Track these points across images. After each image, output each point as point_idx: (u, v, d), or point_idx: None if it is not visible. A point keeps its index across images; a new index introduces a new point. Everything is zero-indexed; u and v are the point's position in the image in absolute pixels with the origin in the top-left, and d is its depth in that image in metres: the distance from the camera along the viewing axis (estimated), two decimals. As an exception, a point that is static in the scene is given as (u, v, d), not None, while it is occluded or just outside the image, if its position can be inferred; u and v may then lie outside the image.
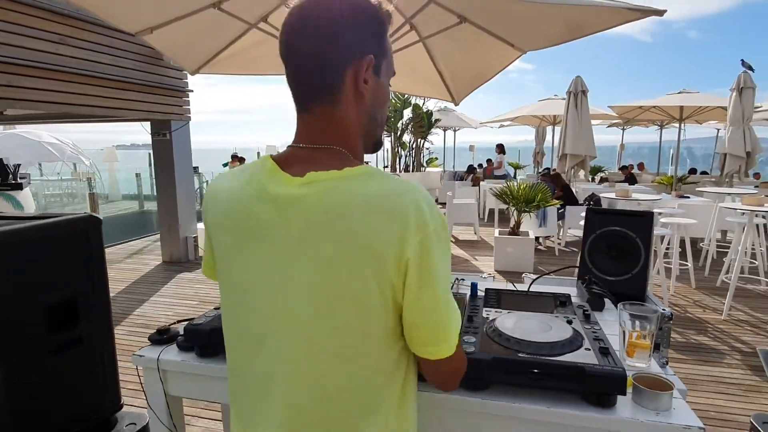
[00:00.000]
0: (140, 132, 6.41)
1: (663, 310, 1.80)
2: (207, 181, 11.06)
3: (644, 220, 1.85)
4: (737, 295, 4.30)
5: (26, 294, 1.49)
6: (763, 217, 5.07)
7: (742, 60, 7.05)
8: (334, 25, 0.71)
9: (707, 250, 5.77)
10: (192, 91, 6.34)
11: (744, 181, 8.27)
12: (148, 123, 6.18)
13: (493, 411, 0.93)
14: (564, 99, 8.92)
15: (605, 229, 1.88)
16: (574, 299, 1.44)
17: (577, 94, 7.60)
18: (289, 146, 0.77)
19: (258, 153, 16.63)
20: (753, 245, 4.88)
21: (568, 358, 0.93)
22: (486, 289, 1.29)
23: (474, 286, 1.25)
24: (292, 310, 0.70)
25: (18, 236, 1.46)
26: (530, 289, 1.41)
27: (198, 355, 1.10)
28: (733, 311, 4.22)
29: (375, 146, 0.82)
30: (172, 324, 1.25)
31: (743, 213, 4.68)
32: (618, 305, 1.10)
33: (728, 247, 5.49)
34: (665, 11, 1.83)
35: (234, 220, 0.74)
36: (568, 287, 1.79)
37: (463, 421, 0.95)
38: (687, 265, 5.12)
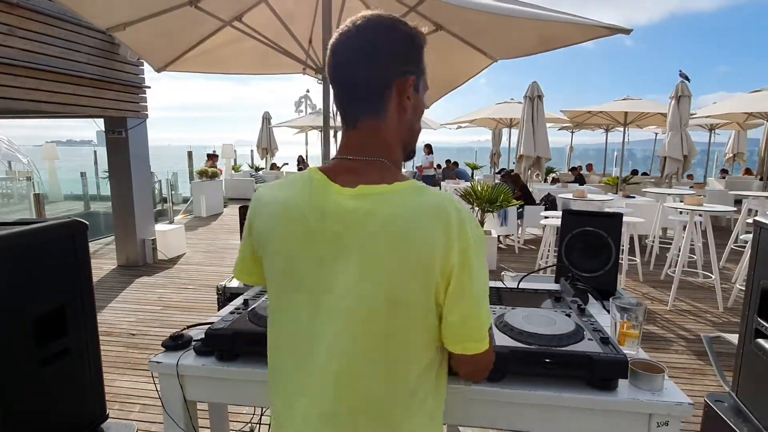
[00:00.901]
0: (82, 128, 6.10)
1: (632, 301, 1.97)
2: (159, 181, 10.58)
3: (614, 221, 2.01)
4: (680, 287, 4.70)
5: (15, 304, 1.42)
6: (700, 215, 5.56)
7: (680, 71, 7.67)
8: (380, 49, 0.78)
9: (652, 246, 6.24)
10: (149, 87, 6.09)
11: (681, 182, 8.98)
12: (102, 120, 5.87)
13: (511, 399, 1.01)
14: (520, 103, 9.33)
15: (580, 229, 2.04)
16: (557, 289, 1.57)
17: (534, 98, 7.98)
18: (335, 158, 0.82)
19: (214, 150, 16.09)
20: (692, 241, 5.34)
21: (574, 348, 1.03)
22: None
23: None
24: (348, 312, 0.75)
25: (5, 243, 1.40)
26: (522, 288, 1.52)
27: (218, 359, 1.12)
28: (677, 302, 4.61)
29: (410, 154, 0.89)
30: (183, 329, 1.25)
31: (682, 212, 5.12)
32: (610, 300, 1.22)
33: (670, 243, 5.98)
34: (632, 30, 2.00)
35: (290, 230, 0.78)
36: (547, 284, 1.92)
37: (483, 410, 1.03)
38: (635, 260, 5.52)
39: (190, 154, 12.50)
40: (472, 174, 14.38)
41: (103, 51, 5.29)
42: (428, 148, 12.82)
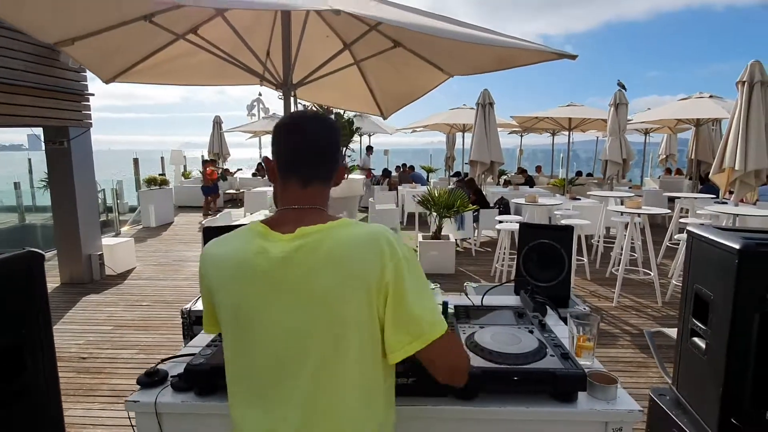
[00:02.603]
0: (10, 131, 5.68)
1: (585, 309, 2.13)
2: (103, 190, 9.99)
3: (566, 233, 2.17)
4: (623, 284, 5.04)
5: (-34, 345, 1.35)
6: (639, 215, 5.99)
7: (618, 81, 8.21)
8: (334, 135, 0.98)
9: (597, 246, 6.65)
10: (93, 94, 5.78)
11: (621, 182, 9.60)
12: (41, 129, 5.51)
13: (482, 416, 1.09)
14: (472, 109, 9.64)
15: (535, 241, 2.17)
16: (519, 305, 1.68)
17: (485, 105, 8.26)
18: (279, 209, 0.94)
19: (162, 158, 15.46)
20: (633, 240, 5.75)
21: (538, 364, 1.12)
22: (455, 306, 1.46)
23: (445, 305, 1.40)
24: (306, 336, 0.84)
25: (-45, 282, 1.33)
26: (490, 304, 1.61)
27: (197, 395, 1.11)
28: (621, 298, 4.95)
29: None
30: (157, 364, 1.23)
31: (623, 214, 5.50)
32: (567, 315, 1.32)
33: (613, 242, 6.39)
34: (577, 56, 2.16)
35: (239, 278, 0.87)
36: (507, 296, 2.03)
37: (455, 428, 1.10)
38: (583, 260, 5.87)
39: (136, 161, 11.92)
40: (428, 177, 14.65)
41: (42, 57, 4.98)
42: (369, 150, 13.02)
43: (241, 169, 16.27)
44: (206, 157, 14.60)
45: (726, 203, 6.13)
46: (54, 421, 1.66)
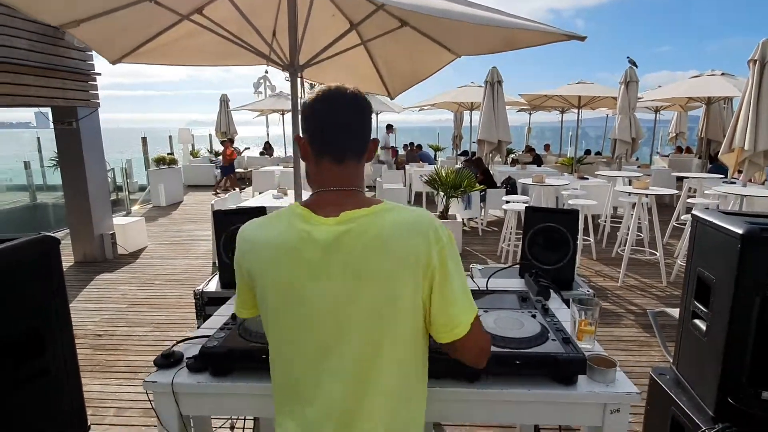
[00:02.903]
0: (17, 108, 5.69)
1: (588, 292, 2.16)
2: (113, 169, 10.06)
3: (571, 216, 2.18)
4: (629, 264, 5.07)
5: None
6: (646, 196, 5.96)
7: (628, 57, 8.04)
8: (366, 109, 0.97)
9: (604, 226, 6.64)
10: (100, 74, 5.78)
11: (629, 161, 9.50)
12: (49, 110, 5.54)
13: (486, 398, 1.14)
14: (480, 86, 9.50)
15: (541, 225, 2.19)
16: (522, 289, 1.72)
17: (494, 84, 8.15)
18: (318, 191, 0.94)
19: (170, 137, 15.47)
20: (639, 220, 5.74)
21: (540, 348, 1.16)
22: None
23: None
24: (352, 317, 0.87)
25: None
26: (495, 286, 1.65)
27: (212, 375, 1.17)
28: (626, 278, 4.98)
29: None
30: (173, 345, 1.29)
31: (630, 194, 5.47)
32: (570, 300, 1.36)
33: (620, 222, 6.38)
34: (586, 37, 2.13)
35: (288, 263, 0.88)
36: (512, 279, 2.07)
37: (460, 408, 1.15)
38: (589, 240, 5.88)
39: (144, 140, 11.95)
40: (435, 156, 14.57)
41: (46, 36, 4.96)
42: (389, 129, 12.90)
43: (248, 148, 16.27)
44: (215, 136, 14.62)
45: (735, 183, 6.08)
46: (74, 399, 1.74)
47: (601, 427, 1.14)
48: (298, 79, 2.99)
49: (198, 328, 2.19)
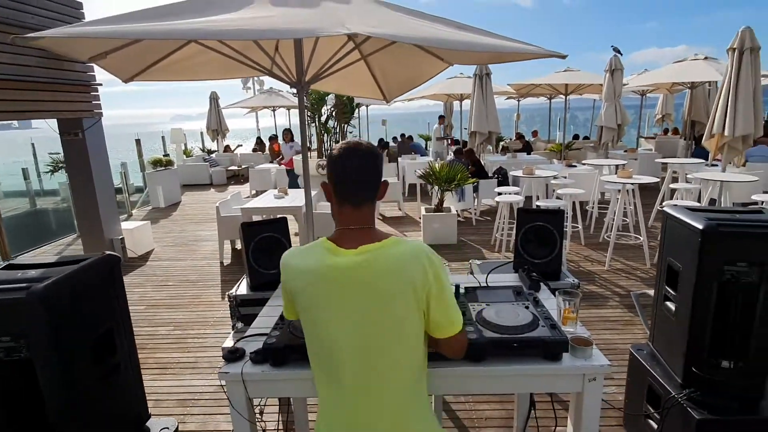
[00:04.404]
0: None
1: (573, 281, 2.47)
2: (121, 172, 10.11)
3: (558, 216, 2.48)
4: (615, 248, 5.41)
5: (76, 332, 1.69)
6: (632, 184, 6.29)
7: (612, 46, 8.31)
8: (377, 162, 1.24)
9: (591, 212, 6.98)
10: (101, 84, 5.94)
11: (616, 146, 9.82)
12: (54, 121, 5.71)
13: (489, 374, 1.44)
14: (469, 78, 9.73)
15: (531, 224, 2.49)
16: (517, 284, 2.02)
17: (482, 76, 8.39)
18: (339, 228, 1.23)
19: (162, 138, 15.57)
20: (625, 206, 6.08)
21: (532, 333, 1.46)
22: (465, 287, 1.79)
23: (457, 287, 1.73)
24: (368, 325, 1.17)
25: (67, 282, 1.65)
26: (492, 281, 1.95)
27: (272, 365, 1.46)
28: (612, 262, 5.32)
29: None
30: (236, 342, 1.58)
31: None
32: (555, 293, 1.65)
33: (607, 207, 6.72)
34: (567, 56, 2.40)
35: (319, 285, 1.18)
36: (508, 275, 2.36)
37: (466, 383, 1.46)
38: (578, 226, 6.21)
39: (138, 141, 12.06)
40: (426, 146, 14.81)
41: (49, 52, 5.11)
42: (441, 120, 13.16)
43: (241, 145, 16.39)
44: (206, 134, 14.72)
45: (717, 166, 6.42)
46: (136, 389, 2.03)
47: (581, 392, 1.45)
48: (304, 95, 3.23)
49: (234, 326, 2.48)
